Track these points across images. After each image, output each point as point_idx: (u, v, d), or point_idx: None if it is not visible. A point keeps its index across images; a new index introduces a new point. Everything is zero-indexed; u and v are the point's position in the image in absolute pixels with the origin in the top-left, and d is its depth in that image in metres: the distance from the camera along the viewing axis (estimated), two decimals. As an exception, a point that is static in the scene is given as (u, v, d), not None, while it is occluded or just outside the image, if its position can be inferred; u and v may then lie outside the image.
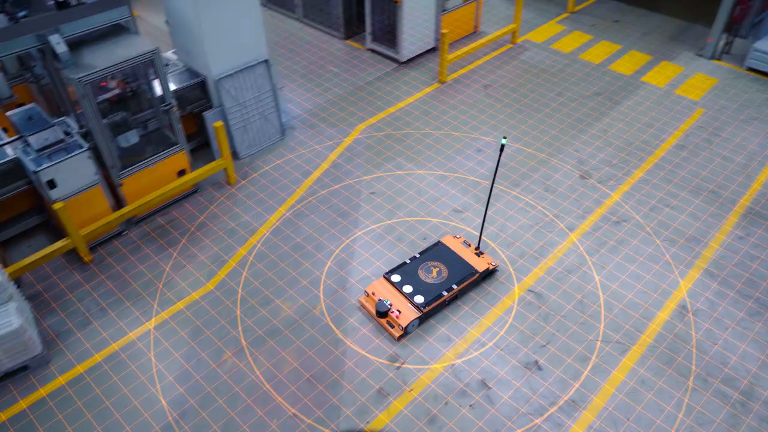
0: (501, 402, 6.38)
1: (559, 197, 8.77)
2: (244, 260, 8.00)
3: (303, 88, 11.28)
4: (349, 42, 12.70)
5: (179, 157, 8.59)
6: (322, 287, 7.63)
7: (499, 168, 9.25)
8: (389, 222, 8.45)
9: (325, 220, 8.52)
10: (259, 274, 7.81)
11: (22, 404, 6.58)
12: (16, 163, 7.65)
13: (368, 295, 7.30)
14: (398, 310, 7.04)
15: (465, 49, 11.51)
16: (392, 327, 7.03)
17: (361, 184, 9.08)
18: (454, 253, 7.69)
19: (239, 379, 6.70)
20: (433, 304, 7.10)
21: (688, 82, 11.13)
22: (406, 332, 7.00)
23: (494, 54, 12.10)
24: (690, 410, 6.27)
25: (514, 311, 7.28)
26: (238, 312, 7.38)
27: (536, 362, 6.72)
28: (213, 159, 9.43)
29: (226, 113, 9.14)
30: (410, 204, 8.72)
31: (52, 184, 7.49)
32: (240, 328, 7.20)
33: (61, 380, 6.78)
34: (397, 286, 7.28)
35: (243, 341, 7.06)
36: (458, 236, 7.95)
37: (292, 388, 6.57)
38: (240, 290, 7.63)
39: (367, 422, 6.23)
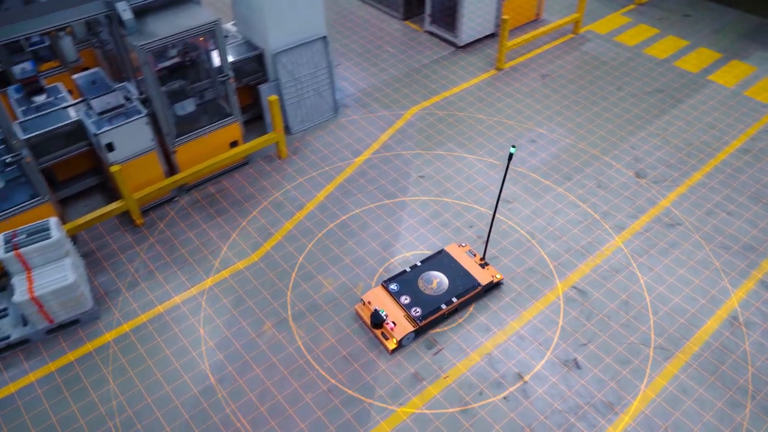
0: (535, 396, 6.32)
1: (611, 194, 8.57)
2: (289, 234, 8.10)
3: (358, 67, 11.26)
4: (407, 23, 12.60)
5: (233, 128, 8.71)
6: (364, 266, 7.67)
7: (544, 164, 9.10)
8: (436, 207, 8.42)
9: (372, 200, 8.53)
10: (302, 249, 7.89)
11: (70, 356, 6.85)
12: (79, 125, 7.89)
13: (365, 304, 7.06)
14: (393, 322, 6.76)
15: (525, 36, 11.28)
16: (387, 339, 6.76)
17: (411, 167, 9.05)
18: (458, 264, 7.34)
19: (277, 350, 6.82)
20: (431, 318, 6.82)
21: (759, 83, 10.66)
22: (400, 345, 6.75)
23: (555, 43, 11.83)
24: (730, 421, 6.09)
25: (556, 306, 7.18)
26: (280, 285, 7.49)
27: (575, 360, 6.63)
28: (265, 132, 9.54)
29: (281, 88, 9.21)
30: (458, 190, 8.66)
31: (110, 147, 7.71)
32: (281, 301, 7.31)
33: (108, 337, 7.03)
34: (395, 296, 7.00)
35: (283, 313, 7.18)
36: (463, 245, 7.65)
37: (328, 364, 6.66)
38: (283, 264, 7.73)
39: (400, 404, 6.27)
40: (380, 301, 7.01)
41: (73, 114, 7.98)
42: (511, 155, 6.20)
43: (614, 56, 11.43)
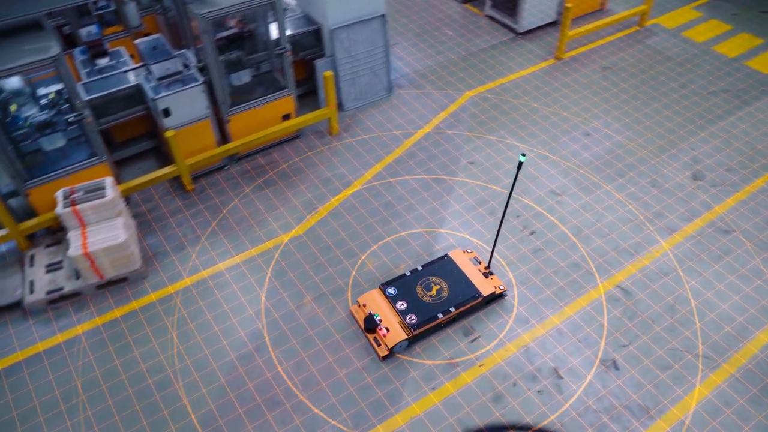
0: (569, 391, 6.25)
1: (665, 194, 8.32)
2: (335, 211, 8.16)
3: (415, 48, 11.18)
4: (467, 6, 12.42)
5: (286, 102, 8.78)
6: (406, 248, 7.67)
7: (597, 158, 8.89)
8: (483, 194, 8.33)
9: (419, 182, 8.51)
10: (347, 227, 7.94)
11: (116, 312, 7.09)
12: (138, 89, 8.08)
13: (360, 306, 6.87)
14: (387, 328, 6.54)
15: (588, 26, 10.99)
16: (378, 345, 6.54)
17: (461, 152, 8.98)
18: (460, 271, 7.05)
19: (315, 323, 6.91)
20: (425, 327, 6.54)
21: (832, 89, 10.15)
22: (392, 352, 6.50)
23: (618, 35, 11.48)
24: (772, 437, 5.92)
25: (598, 304, 7.06)
26: (322, 260, 7.56)
27: (613, 359, 6.52)
28: (318, 107, 9.58)
29: (337, 64, 9.21)
30: (507, 178, 8.55)
31: (167, 112, 7.87)
32: (322, 276, 7.39)
33: (153, 297, 7.24)
34: (391, 301, 6.76)
35: (323, 288, 7.25)
36: (469, 251, 7.38)
37: (363, 342, 6.71)
38: (327, 239, 7.80)
39: (433, 388, 6.29)
40: (376, 304, 6.79)
41: (132, 78, 8.17)
42: (520, 164, 5.85)
43: (680, 52, 11.03)
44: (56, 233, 7.86)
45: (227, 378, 6.43)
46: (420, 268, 7.12)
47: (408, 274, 7.05)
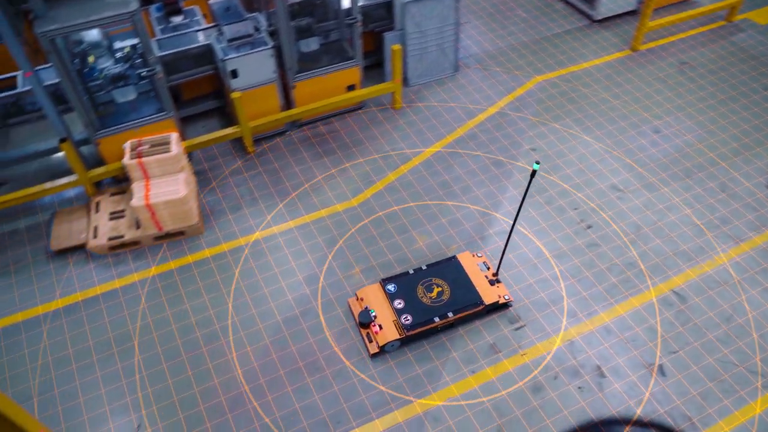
0: (610, 390, 6.15)
1: (734, 199, 7.99)
2: (391, 185, 8.16)
3: (486, 27, 10.96)
4: (544, -13, 12.07)
5: (352, 72, 8.77)
6: (458, 229, 7.63)
7: (665, 156, 8.58)
8: (542, 182, 8.18)
9: (478, 165, 8.41)
10: (401, 202, 7.94)
11: (171, 264, 7.33)
12: (208, 49, 8.21)
13: (357, 299, 6.76)
14: (380, 325, 6.40)
15: (670, 18, 10.51)
16: (370, 342, 6.43)
17: (523, 137, 8.81)
18: (465, 275, 6.80)
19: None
20: (419, 329, 6.36)
21: None
22: (383, 351, 6.39)
23: (702, 29, 10.96)
24: (822, 461, 5.69)
25: (650, 305, 6.87)
26: (374, 233, 7.60)
27: (660, 363, 6.36)
28: (383, 80, 9.54)
29: (406, 38, 9.13)
30: (568, 168, 8.36)
31: (234, 73, 7.98)
32: (372, 248, 7.43)
33: (207, 253, 7.44)
34: (389, 298, 6.61)
35: (372, 261, 7.30)
36: (479, 254, 7.14)
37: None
38: (381, 213, 7.83)
39: (472, 371, 6.29)
40: (374, 299, 6.66)
41: (203, 38, 8.31)
42: (534, 172, 5.52)
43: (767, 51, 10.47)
44: (122, 183, 8.14)
45: (272, 339, 6.59)
46: (424, 268, 6.94)
47: (411, 272, 6.90)
